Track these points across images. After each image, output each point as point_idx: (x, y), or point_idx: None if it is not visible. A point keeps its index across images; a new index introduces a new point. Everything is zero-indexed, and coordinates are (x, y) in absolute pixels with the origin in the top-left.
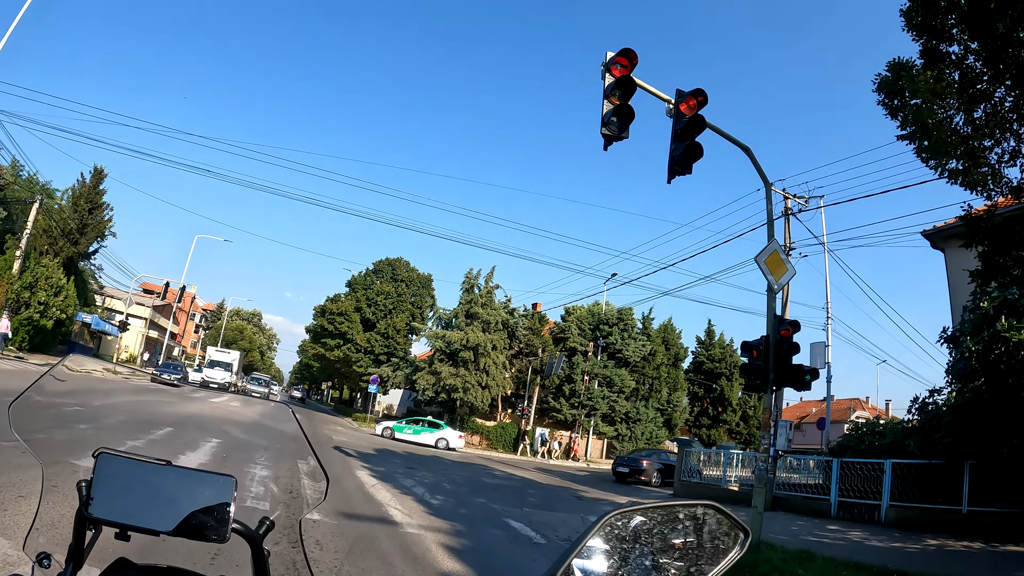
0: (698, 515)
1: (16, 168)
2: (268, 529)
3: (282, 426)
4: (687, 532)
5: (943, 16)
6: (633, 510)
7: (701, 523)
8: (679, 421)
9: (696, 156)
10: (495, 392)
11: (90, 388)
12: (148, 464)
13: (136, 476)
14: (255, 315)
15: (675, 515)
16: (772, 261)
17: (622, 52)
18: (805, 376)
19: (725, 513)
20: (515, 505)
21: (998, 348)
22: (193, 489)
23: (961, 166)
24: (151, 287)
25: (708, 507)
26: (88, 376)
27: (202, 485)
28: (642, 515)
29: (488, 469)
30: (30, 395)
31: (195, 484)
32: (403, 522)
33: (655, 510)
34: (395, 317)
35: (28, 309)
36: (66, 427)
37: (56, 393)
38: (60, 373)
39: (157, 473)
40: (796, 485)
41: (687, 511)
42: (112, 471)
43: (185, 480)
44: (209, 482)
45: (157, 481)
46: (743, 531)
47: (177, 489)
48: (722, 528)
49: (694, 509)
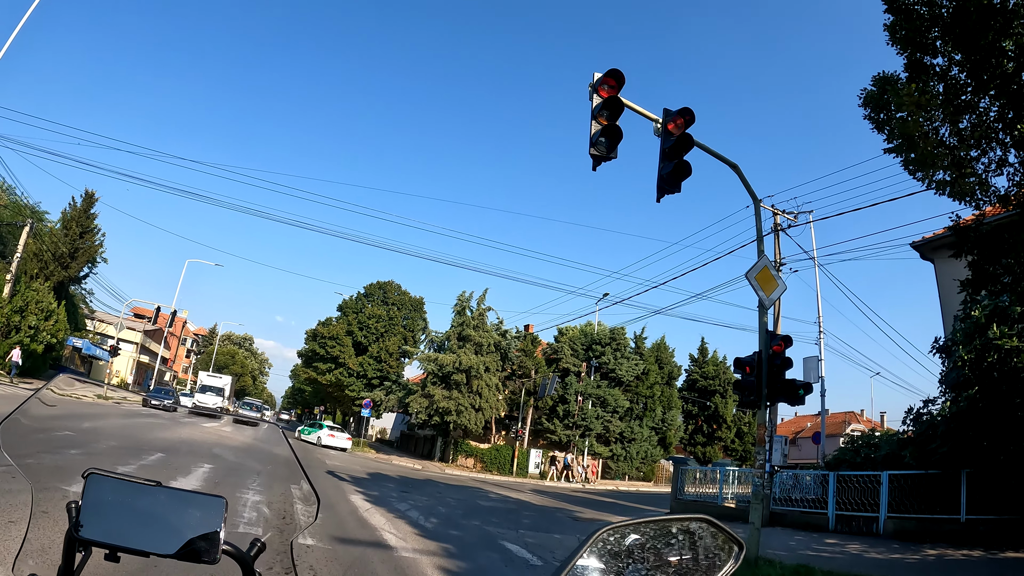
0: (692, 529)
1: (7, 192)
2: (259, 551)
3: (275, 449)
4: (681, 547)
5: (926, 29)
6: (625, 525)
7: (695, 537)
8: (674, 439)
9: (685, 174)
10: (488, 414)
11: (80, 412)
12: (138, 485)
13: (126, 497)
14: (246, 339)
15: (668, 530)
16: (763, 277)
17: (609, 73)
18: (799, 391)
19: (719, 526)
20: (510, 527)
21: (990, 356)
22: (184, 510)
23: (948, 177)
24: (142, 312)
25: (702, 521)
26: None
27: (193, 506)
28: (635, 531)
29: (482, 491)
30: (17, 418)
31: (186, 505)
32: (398, 546)
33: (648, 525)
34: (387, 340)
35: (18, 333)
36: (56, 452)
37: (45, 417)
38: (48, 397)
39: (147, 494)
40: (793, 500)
41: (680, 525)
42: (102, 492)
43: (176, 501)
44: (200, 503)
45: (147, 502)
46: (737, 544)
47: (168, 510)
48: (716, 542)
49: (687, 523)
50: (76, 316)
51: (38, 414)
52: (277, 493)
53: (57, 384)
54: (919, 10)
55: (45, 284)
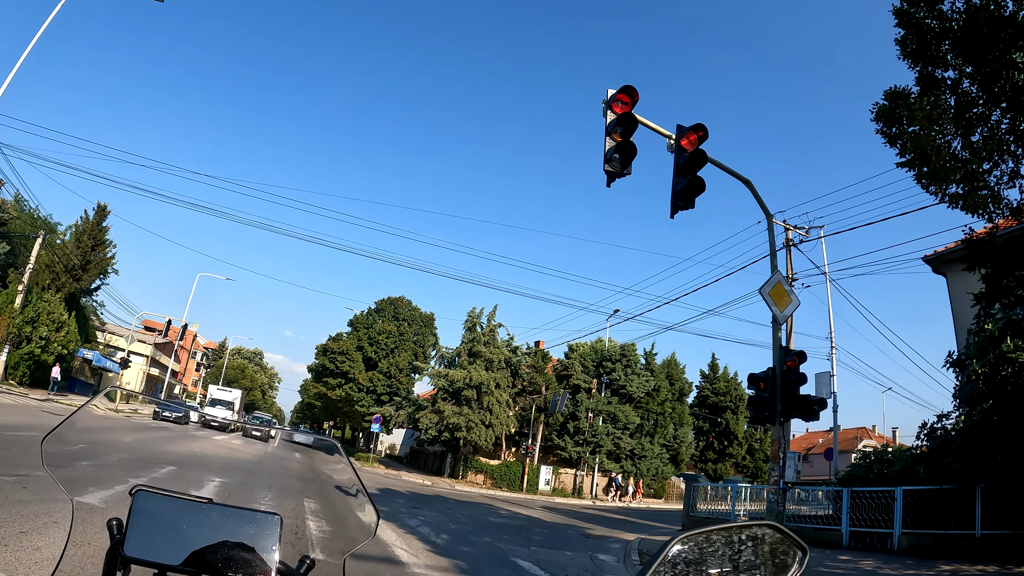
0: (758, 535)
1: (20, 203)
2: (309, 568)
3: (285, 463)
4: (749, 552)
5: (937, 42)
6: (697, 534)
7: (761, 542)
8: (685, 456)
9: (698, 190)
10: (499, 431)
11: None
12: (188, 502)
13: (175, 514)
14: (256, 354)
15: (736, 536)
16: (776, 292)
17: (623, 89)
18: (813, 406)
19: (784, 532)
20: (522, 544)
21: (1005, 369)
22: (236, 528)
23: (961, 190)
24: (153, 324)
25: (766, 526)
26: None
27: (246, 524)
28: (706, 538)
29: (493, 508)
30: (62, 431)
31: (238, 523)
32: (410, 562)
33: (718, 533)
34: (397, 356)
35: (29, 344)
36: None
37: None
38: (91, 413)
39: (198, 511)
40: (806, 517)
41: (747, 532)
42: (149, 509)
43: (228, 519)
44: (253, 521)
45: (197, 519)
46: (801, 548)
47: (218, 528)
48: (781, 547)
49: (754, 530)
50: (87, 328)
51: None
52: (289, 508)
53: (100, 400)
54: (929, 24)
55: (56, 295)
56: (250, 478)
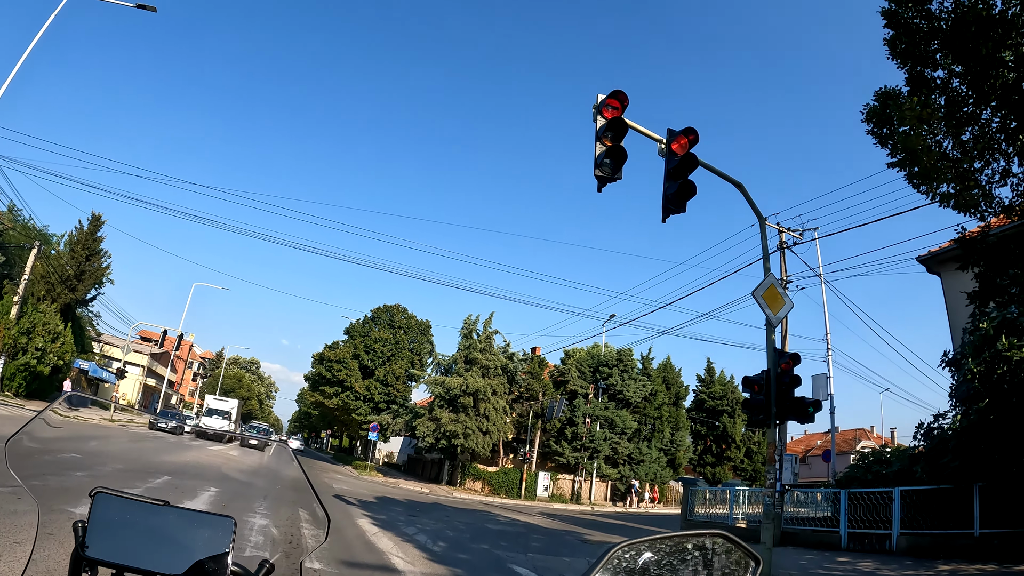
0: (707, 545)
1: (14, 213)
2: (267, 572)
3: (282, 472)
4: (696, 563)
5: (926, 42)
6: (640, 542)
7: (710, 553)
8: (683, 460)
9: (690, 194)
10: (496, 437)
11: (86, 435)
12: (146, 504)
13: (134, 516)
14: (253, 363)
15: (684, 546)
16: (769, 295)
17: (613, 94)
18: (808, 408)
19: (735, 542)
20: (519, 550)
21: (1000, 368)
22: (192, 530)
23: (952, 189)
24: (149, 335)
25: (716, 536)
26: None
27: (201, 526)
28: (650, 547)
29: (491, 515)
30: (21, 438)
31: (194, 525)
32: (406, 570)
33: (663, 541)
34: (394, 364)
35: (25, 355)
36: (62, 474)
37: (51, 439)
38: (52, 419)
39: (155, 513)
40: (804, 519)
41: (696, 541)
42: (109, 511)
43: (184, 521)
44: (208, 523)
45: (155, 521)
46: (754, 559)
47: (176, 530)
48: (732, 557)
49: (703, 539)
50: (83, 338)
51: (44, 436)
52: (284, 516)
53: (59, 406)
54: (918, 24)
55: (52, 306)
56: (246, 487)
